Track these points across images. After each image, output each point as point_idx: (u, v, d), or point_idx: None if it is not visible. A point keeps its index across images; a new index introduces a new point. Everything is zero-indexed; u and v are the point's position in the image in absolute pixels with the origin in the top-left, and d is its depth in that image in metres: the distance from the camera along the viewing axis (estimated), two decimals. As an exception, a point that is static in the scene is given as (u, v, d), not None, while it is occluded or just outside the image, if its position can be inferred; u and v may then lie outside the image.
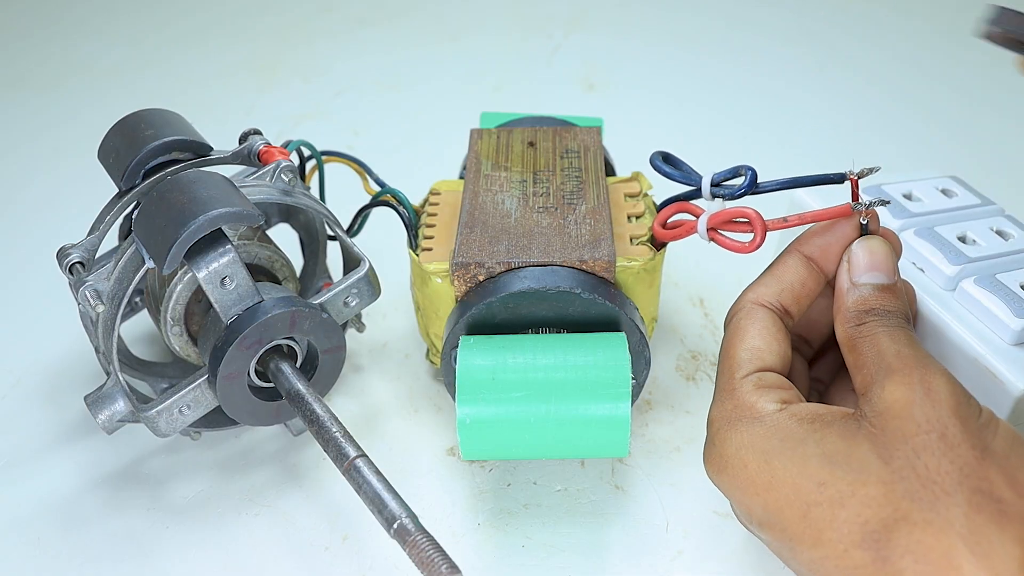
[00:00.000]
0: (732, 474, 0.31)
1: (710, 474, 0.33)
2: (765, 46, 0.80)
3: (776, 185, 0.36)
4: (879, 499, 0.27)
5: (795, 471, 0.29)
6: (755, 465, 0.30)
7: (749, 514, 0.31)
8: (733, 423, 0.32)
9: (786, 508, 0.29)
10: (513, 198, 0.42)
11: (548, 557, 0.38)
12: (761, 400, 0.31)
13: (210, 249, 0.36)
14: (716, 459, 0.32)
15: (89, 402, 0.38)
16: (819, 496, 0.28)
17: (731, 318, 0.35)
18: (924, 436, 0.28)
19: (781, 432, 0.30)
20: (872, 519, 0.27)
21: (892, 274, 0.33)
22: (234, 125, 0.45)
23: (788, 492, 0.29)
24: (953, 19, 0.84)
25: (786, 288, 0.34)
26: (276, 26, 0.85)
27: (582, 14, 0.86)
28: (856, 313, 0.32)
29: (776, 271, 0.35)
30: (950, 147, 0.66)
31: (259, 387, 0.39)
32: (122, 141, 0.40)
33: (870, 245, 0.33)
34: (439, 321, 0.41)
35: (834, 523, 0.28)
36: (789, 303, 0.34)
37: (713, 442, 0.32)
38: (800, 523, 0.29)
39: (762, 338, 0.33)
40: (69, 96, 0.74)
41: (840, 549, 0.28)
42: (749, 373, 0.33)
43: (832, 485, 0.28)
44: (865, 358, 0.31)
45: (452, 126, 0.58)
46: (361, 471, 0.34)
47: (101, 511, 0.40)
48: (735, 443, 0.31)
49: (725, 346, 0.34)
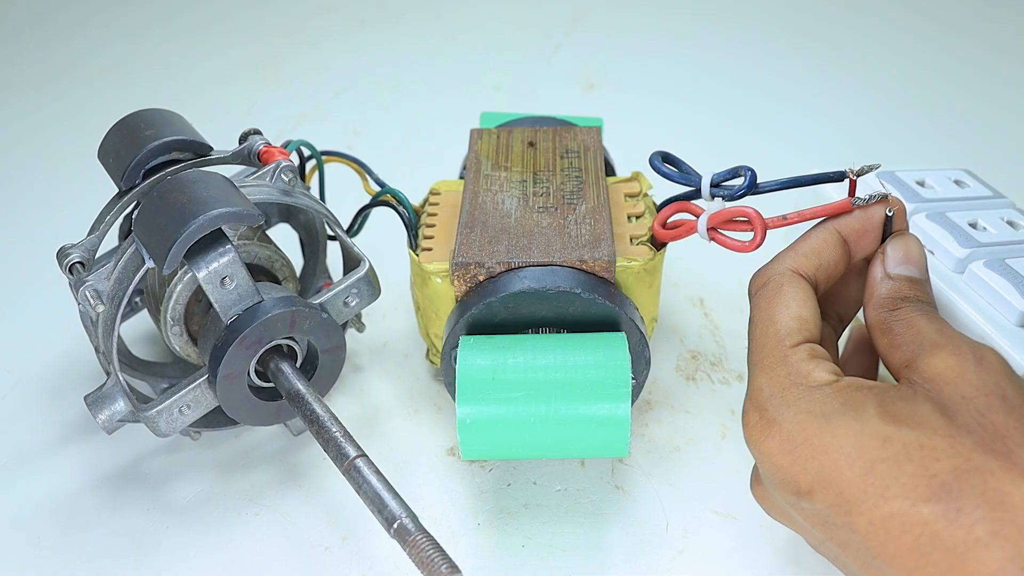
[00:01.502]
0: (785, 439, 0.30)
1: (756, 441, 0.31)
2: (765, 45, 0.80)
3: (776, 185, 0.36)
4: (948, 451, 0.27)
5: (857, 429, 0.29)
6: (815, 428, 0.30)
7: (797, 482, 0.30)
8: (787, 389, 0.31)
9: (846, 468, 0.28)
10: (513, 198, 0.41)
11: (548, 557, 0.38)
12: (817, 370, 0.31)
13: (210, 249, 0.36)
14: (766, 426, 0.31)
15: (89, 402, 0.38)
16: (883, 452, 0.28)
17: (766, 283, 0.34)
18: (985, 398, 0.28)
19: (841, 397, 0.30)
20: (941, 471, 0.27)
21: (924, 270, 0.34)
22: (234, 125, 0.45)
23: (849, 452, 0.29)
24: (955, 16, 0.84)
25: (823, 264, 0.34)
26: (276, 26, 0.85)
27: (582, 14, 0.86)
28: (889, 299, 0.33)
29: (815, 245, 0.34)
30: (952, 144, 0.66)
31: (259, 387, 0.39)
32: (122, 141, 0.40)
33: (906, 242, 0.34)
34: (439, 321, 0.41)
35: (900, 478, 0.27)
36: (822, 280, 0.34)
37: (763, 408, 0.31)
38: (862, 482, 0.28)
39: (807, 308, 0.33)
40: (69, 96, 0.74)
41: (907, 506, 0.27)
42: (800, 342, 0.32)
43: (897, 440, 0.28)
44: (902, 338, 0.31)
45: (452, 126, 0.58)
46: (361, 471, 0.34)
47: (101, 511, 0.40)
48: (792, 409, 0.30)
49: (764, 310, 0.33)
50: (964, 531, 0.26)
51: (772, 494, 0.32)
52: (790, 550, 0.38)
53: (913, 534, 0.27)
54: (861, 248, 0.35)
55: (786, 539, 0.38)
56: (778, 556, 0.38)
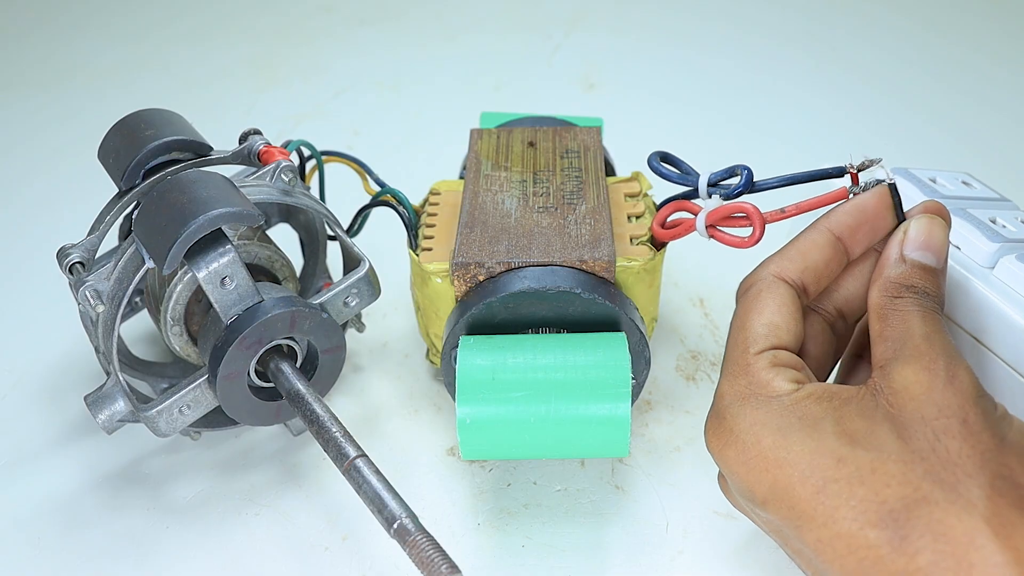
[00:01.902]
0: (741, 449, 0.30)
1: (714, 448, 0.32)
2: (765, 46, 0.80)
3: (774, 183, 0.36)
4: (899, 478, 0.27)
5: (812, 447, 0.29)
6: (769, 441, 0.30)
7: (752, 491, 0.30)
8: (747, 399, 0.31)
9: (798, 485, 0.29)
10: (513, 198, 0.41)
11: (548, 557, 0.38)
12: (777, 379, 0.31)
13: (210, 249, 0.36)
14: (724, 434, 0.31)
15: (89, 402, 0.38)
16: (836, 473, 0.28)
17: (748, 288, 0.34)
18: (945, 420, 0.28)
19: (799, 411, 0.30)
20: (891, 498, 0.27)
21: (942, 259, 0.33)
22: (234, 125, 0.45)
23: (803, 468, 0.29)
24: (954, 19, 0.84)
25: (810, 266, 0.33)
26: (276, 26, 0.85)
27: (582, 14, 0.86)
28: (895, 285, 0.32)
29: (801, 246, 0.34)
30: (951, 146, 0.66)
31: (259, 387, 0.39)
32: (122, 141, 0.40)
33: (931, 225, 0.33)
34: (439, 321, 0.41)
35: (851, 500, 0.28)
36: (810, 282, 0.34)
37: (722, 417, 0.32)
38: (813, 500, 0.28)
39: (780, 314, 0.33)
40: (69, 96, 0.74)
41: (855, 528, 0.27)
42: (764, 349, 0.32)
43: (851, 462, 0.28)
44: (892, 331, 0.31)
45: (452, 126, 0.58)
46: (361, 471, 0.34)
47: (101, 511, 0.40)
48: (748, 419, 0.31)
49: (740, 317, 0.33)
50: (907, 559, 0.26)
51: (733, 496, 0.33)
52: (790, 550, 0.38)
53: (858, 556, 0.27)
54: (858, 242, 0.34)
55: (786, 539, 0.38)
56: (778, 556, 0.38)
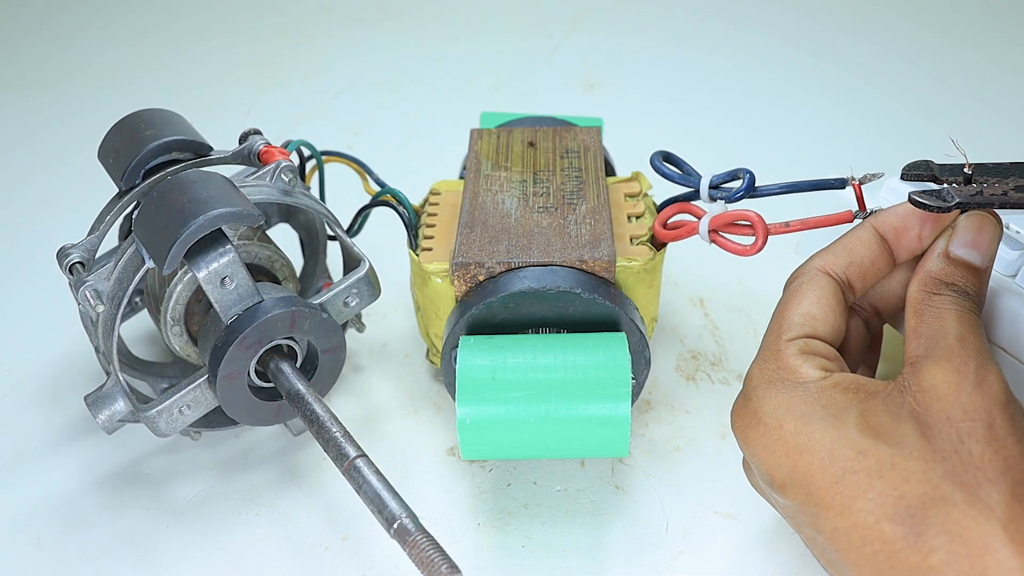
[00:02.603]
0: (763, 432, 0.31)
1: (738, 430, 0.32)
2: (765, 46, 0.80)
3: (775, 189, 0.36)
4: (919, 475, 0.27)
5: (834, 436, 0.29)
6: (792, 427, 0.30)
7: (771, 475, 0.31)
8: (774, 383, 0.31)
9: (818, 473, 0.29)
10: (513, 198, 0.41)
11: (548, 557, 0.38)
12: (804, 365, 0.31)
13: (210, 249, 0.36)
14: (749, 416, 0.32)
15: (89, 402, 0.38)
16: (856, 464, 0.28)
17: (793, 280, 0.34)
18: (971, 423, 0.28)
19: (824, 398, 0.30)
20: (909, 494, 0.27)
21: (987, 258, 0.33)
22: (234, 125, 0.45)
23: (823, 457, 0.29)
24: (956, 20, 0.83)
25: (855, 262, 0.34)
26: (276, 26, 0.85)
27: (582, 14, 0.86)
28: (935, 281, 0.32)
29: (848, 243, 0.34)
30: (951, 146, 0.66)
31: (259, 387, 0.39)
32: (122, 141, 0.40)
33: (981, 223, 0.33)
34: (439, 321, 0.41)
35: (868, 493, 0.28)
36: (855, 278, 0.34)
37: (749, 399, 0.32)
38: (831, 489, 0.29)
39: (818, 306, 0.33)
40: (69, 96, 0.74)
41: (871, 520, 0.28)
42: (796, 337, 0.32)
43: (871, 455, 0.28)
44: (927, 327, 0.31)
45: (452, 126, 0.58)
46: (361, 471, 0.34)
47: (101, 511, 0.40)
48: (773, 403, 0.31)
49: (779, 307, 0.34)
50: (921, 556, 0.27)
51: (752, 478, 0.33)
52: (790, 550, 0.38)
53: (872, 548, 0.28)
54: (904, 246, 0.34)
55: (786, 539, 0.38)
56: (778, 556, 0.38)
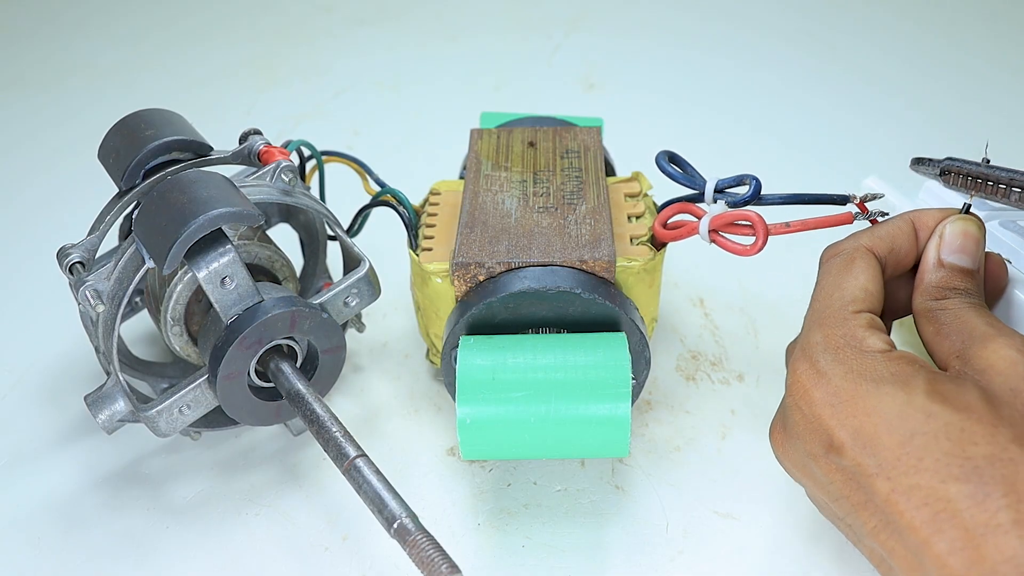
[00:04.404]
0: (832, 392, 0.31)
1: (802, 387, 0.32)
2: (765, 46, 0.80)
3: (778, 199, 0.37)
4: (987, 438, 0.28)
5: (903, 399, 0.29)
6: (863, 389, 0.30)
7: (830, 435, 0.31)
8: (842, 349, 0.32)
9: (884, 434, 0.29)
10: (513, 198, 0.41)
11: (548, 557, 0.38)
12: (872, 337, 0.32)
13: (210, 249, 0.36)
14: (814, 375, 0.32)
15: (89, 402, 0.38)
16: (925, 426, 0.29)
17: (836, 253, 0.35)
18: None
19: (892, 367, 0.31)
20: (977, 455, 0.28)
21: (977, 261, 0.34)
22: (234, 125, 0.45)
23: (892, 419, 0.29)
24: (959, 21, 0.84)
25: (895, 250, 0.35)
26: (276, 26, 0.85)
27: (582, 14, 0.86)
28: (938, 288, 0.33)
29: (892, 230, 0.35)
30: (952, 146, 0.66)
31: (259, 387, 0.39)
32: (122, 141, 0.40)
33: (965, 227, 0.34)
34: (439, 321, 0.41)
35: (936, 453, 0.28)
36: (891, 264, 0.35)
37: (815, 361, 0.32)
38: (897, 449, 0.29)
39: (874, 284, 0.34)
40: (69, 96, 0.74)
41: (936, 480, 0.28)
42: (862, 310, 0.33)
43: (940, 417, 0.29)
44: (950, 328, 0.32)
45: (452, 126, 0.58)
46: (361, 471, 0.34)
47: (101, 511, 0.40)
48: (845, 366, 0.31)
49: (833, 274, 0.34)
50: (987, 515, 0.27)
51: (795, 443, 0.33)
52: (790, 550, 0.38)
53: (934, 508, 0.28)
54: None
55: (786, 539, 0.38)
56: (778, 556, 0.38)
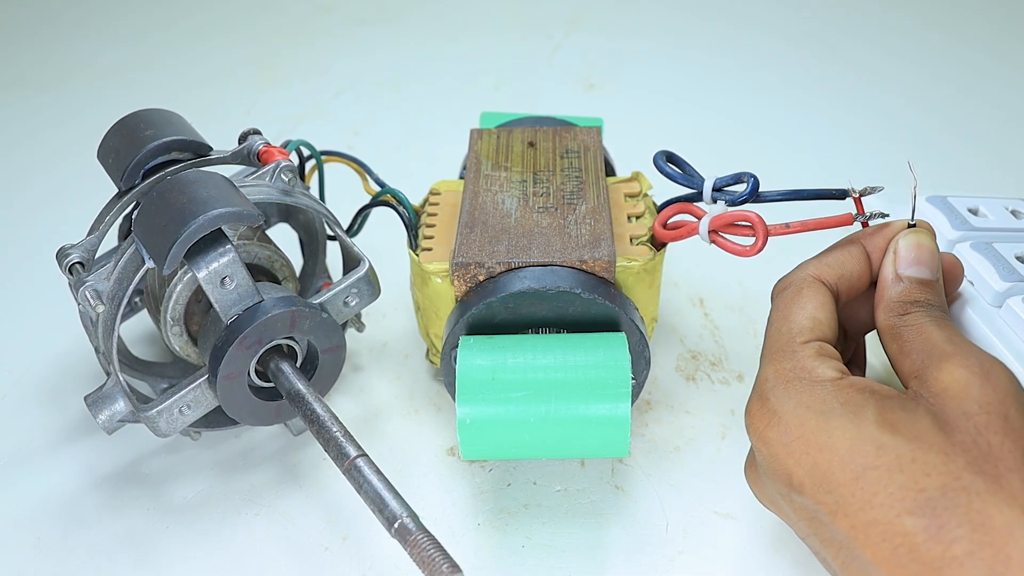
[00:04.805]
0: (784, 431, 0.31)
1: (756, 430, 0.32)
2: (765, 46, 0.80)
3: (777, 196, 0.36)
4: (939, 467, 0.27)
5: (853, 433, 0.29)
6: (812, 424, 0.30)
7: (790, 475, 0.31)
8: (791, 382, 0.32)
9: (838, 470, 0.29)
10: (513, 198, 0.41)
11: (548, 557, 0.38)
12: (822, 366, 0.32)
13: (210, 249, 0.36)
14: (766, 415, 0.32)
15: (89, 402, 0.38)
16: (876, 460, 0.28)
17: (786, 287, 0.35)
18: (986, 416, 0.28)
19: (841, 396, 0.30)
20: (930, 487, 0.27)
21: (935, 270, 0.34)
22: (234, 125, 0.45)
23: (843, 454, 0.29)
24: (959, 20, 0.84)
25: (845, 275, 0.35)
26: (276, 26, 0.85)
27: (582, 14, 0.86)
28: (899, 303, 0.33)
29: (840, 256, 0.35)
30: (953, 146, 0.66)
31: (259, 387, 0.39)
32: (122, 141, 0.40)
33: (917, 239, 0.34)
34: (439, 321, 0.41)
35: (889, 487, 0.28)
36: (843, 290, 0.35)
37: (766, 399, 0.32)
38: (851, 485, 0.29)
39: (823, 311, 0.34)
40: (69, 96, 0.74)
41: (891, 515, 0.28)
42: (810, 340, 0.33)
43: (891, 450, 0.28)
44: (912, 345, 0.32)
45: (452, 126, 0.58)
46: (362, 471, 0.34)
47: (101, 511, 0.40)
48: (793, 402, 0.31)
49: (781, 309, 0.34)
50: (943, 547, 0.26)
51: (765, 481, 0.33)
52: (790, 550, 0.38)
53: (893, 543, 0.27)
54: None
55: (785, 539, 0.38)
56: (778, 556, 0.38)
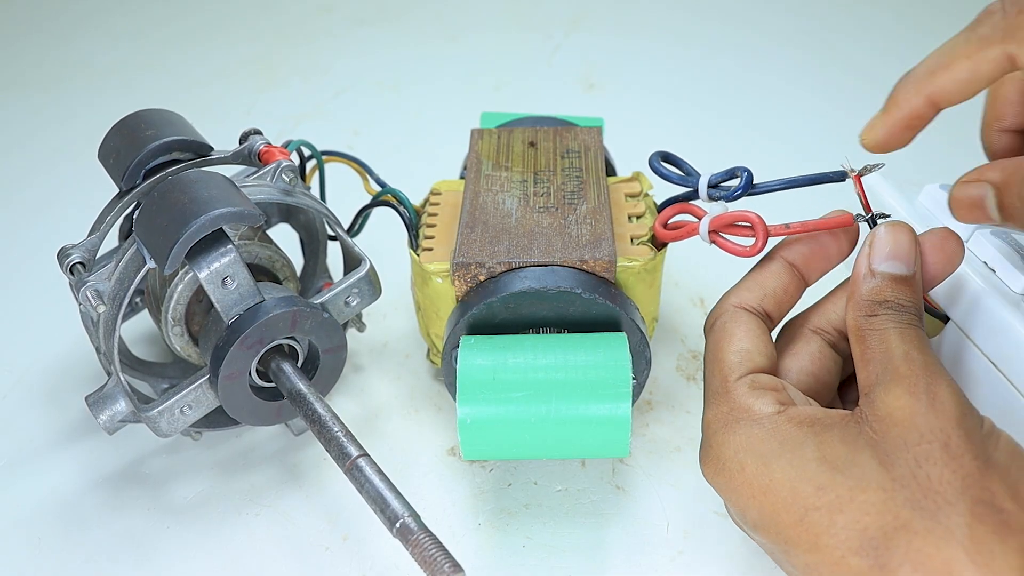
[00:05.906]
0: (729, 476, 0.31)
1: (707, 476, 0.32)
2: (765, 46, 0.80)
3: (774, 186, 0.36)
4: (879, 506, 0.27)
5: (793, 475, 0.29)
6: (753, 468, 0.30)
7: (743, 516, 0.31)
8: (730, 425, 0.31)
9: (783, 512, 0.29)
10: (514, 198, 0.42)
11: (548, 557, 0.38)
12: (758, 402, 0.31)
13: (211, 249, 0.36)
14: (713, 461, 0.32)
15: (90, 402, 0.38)
16: (817, 501, 0.28)
17: (713, 322, 0.35)
18: (927, 445, 0.28)
19: (780, 435, 0.30)
20: (871, 526, 0.27)
21: (912, 265, 0.32)
22: (234, 125, 0.45)
23: (785, 496, 0.29)
24: (955, 17, 0.83)
25: (768, 294, 0.35)
26: (276, 26, 0.85)
27: (582, 14, 0.86)
28: (869, 303, 0.32)
29: (758, 277, 0.35)
30: (953, 146, 0.66)
31: (260, 387, 0.39)
32: (122, 141, 0.40)
33: (895, 231, 0.32)
34: (440, 321, 0.41)
35: (832, 528, 0.28)
36: (771, 308, 0.35)
37: (710, 444, 0.32)
38: (796, 527, 0.29)
39: (749, 340, 0.33)
40: (69, 96, 0.74)
41: (837, 555, 0.28)
42: (742, 375, 0.32)
43: (831, 490, 0.28)
44: (872, 353, 0.31)
45: (452, 126, 0.58)
46: (363, 470, 0.34)
47: (101, 511, 0.40)
48: (733, 445, 0.31)
49: (711, 350, 0.34)
50: None
51: (734, 518, 0.33)
52: (790, 550, 0.38)
53: None
54: (816, 268, 0.35)
55: (786, 539, 0.38)
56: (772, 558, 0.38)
